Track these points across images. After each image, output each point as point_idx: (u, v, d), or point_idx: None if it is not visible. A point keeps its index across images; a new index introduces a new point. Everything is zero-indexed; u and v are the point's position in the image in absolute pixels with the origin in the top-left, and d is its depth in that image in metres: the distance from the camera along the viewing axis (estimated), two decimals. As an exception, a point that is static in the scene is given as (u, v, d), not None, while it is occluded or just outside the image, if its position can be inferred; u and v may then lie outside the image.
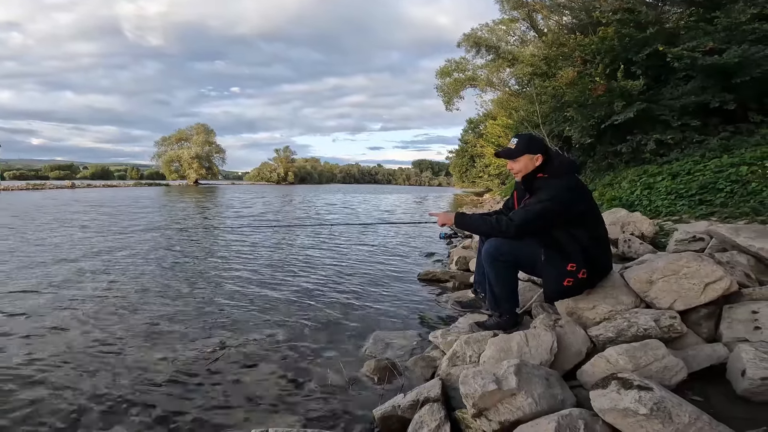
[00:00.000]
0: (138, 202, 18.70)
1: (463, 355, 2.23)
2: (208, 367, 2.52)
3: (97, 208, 14.67)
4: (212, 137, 68.16)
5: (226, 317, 3.40)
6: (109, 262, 5.46)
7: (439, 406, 1.79)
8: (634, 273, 2.44)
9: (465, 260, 4.85)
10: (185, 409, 2.08)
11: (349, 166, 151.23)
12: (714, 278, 2.21)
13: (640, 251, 4.10)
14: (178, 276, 4.77)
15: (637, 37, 9.62)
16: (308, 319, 3.37)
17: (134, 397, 2.19)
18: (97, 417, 2.01)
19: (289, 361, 2.61)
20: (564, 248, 2.33)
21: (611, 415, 1.47)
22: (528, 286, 3.23)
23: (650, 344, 1.88)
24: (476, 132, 37.54)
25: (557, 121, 12.36)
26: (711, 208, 5.81)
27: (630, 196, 7.69)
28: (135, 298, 3.87)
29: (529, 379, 1.68)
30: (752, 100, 8.47)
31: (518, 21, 20.14)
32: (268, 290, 4.20)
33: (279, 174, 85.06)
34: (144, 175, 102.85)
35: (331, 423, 1.97)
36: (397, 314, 3.52)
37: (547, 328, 2.18)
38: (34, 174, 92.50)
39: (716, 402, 1.76)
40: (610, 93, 9.47)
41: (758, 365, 1.71)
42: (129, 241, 7.25)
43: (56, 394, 2.21)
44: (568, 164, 2.52)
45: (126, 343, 2.85)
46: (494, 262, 2.51)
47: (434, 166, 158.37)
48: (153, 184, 56.75)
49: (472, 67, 23.99)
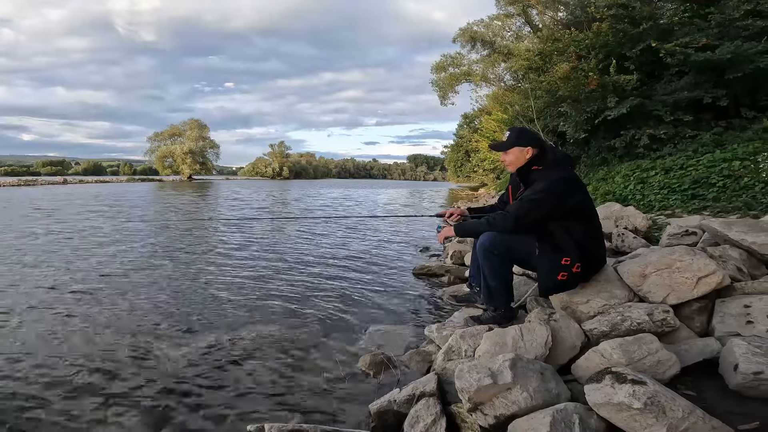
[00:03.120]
0: (128, 198, 18.55)
1: (458, 349, 2.24)
2: (203, 362, 2.51)
3: (90, 203, 14.54)
4: (206, 132, 67.55)
5: (221, 312, 3.38)
6: (102, 257, 5.41)
7: (435, 401, 1.79)
8: (628, 267, 2.46)
9: (460, 254, 4.86)
10: (180, 405, 2.08)
11: (344, 161, 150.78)
12: (707, 272, 2.23)
13: (633, 245, 4.11)
14: (173, 271, 4.74)
15: (630, 33, 9.63)
16: (303, 313, 3.37)
17: (128, 393, 2.18)
18: (91, 414, 2.00)
19: (285, 355, 2.61)
20: (558, 242, 2.34)
21: (606, 410, 1.48)
22: (522, 280, 3.24)
23: (644, 338, 1.89)
24: (471, 127, 37.52)
25: (552, 116, 12.38)
26: (703, 202, 5.85)
27: (624, 190, 7.72)
28: (129, 294, 3.84)
29: (525, 374, 1.69)
30: (745, 96, 8.52)
31: (514, 16, 20.15)
32: (262, 285, 4.18)
33: (274, 169, 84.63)
34: (137, 170, 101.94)
35: (327, 418, 1.97)
36: (392, 309, 3.52)
37: (541, 322, 2.18)
38: (25, 170, 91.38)
39: (709, 396, 1.78)
40: (603, 88, 9.50)
41: (751, 360, 1.72)
42: (124, 236, 7.19)
43: (51, 390, 2.20)
44: (563, 157, 2.55)
45: (120, 340, 2.83)
46: (489, 256, 2.51)
47: (429, 160, 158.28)
48: (146, 180, 56.35)
49: (467, 62, 24.03)
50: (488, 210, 2.99)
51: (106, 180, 53.85)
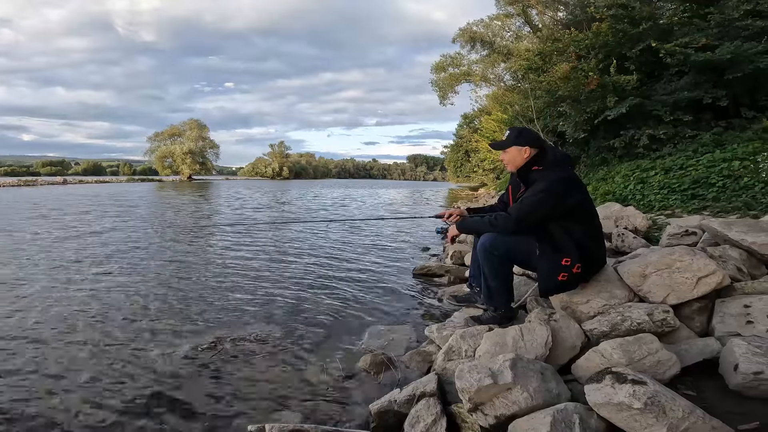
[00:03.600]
0: (128, 198, 18.56)
1: (458, 349, 2.24)
2: (204, 363, 2.51)
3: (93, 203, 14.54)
4: (205, 132, 67.55)
5: (222, 313, 3.39)
6: (102, 257, 5.41)
7: (435, 401, 1.80)
8: (628, 267, 2.46)
9: (460, 254, 4.86)
10: (181, 405, 2.08)
11: (344, 161, 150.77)
12: (707, 272, 2.23)
13: (633, 245, 4.12)
14: (174, 271, 4.74)
15: (630, 33, 9.63)
16: (304, 313, 3.37)
17: (129, 394, 2.18)
18: (91, 414, 2.00)
19: (285, 356, 2.61)
20: (559, 242, 2.34)
21: (606, 410, 1.48)
22: (522, 280, 3.24)
23: (644, 338, 1.89)
24: (471, 127, 37.52)
25: (551, 116, 12.38)
26: (703, 202, 5.85)
27: (623, 190, 7.72)
28: (128, 294, 3.84)
29: (525, 374, 1.69)
30: (745, 96, 8.52)
31: (513, 16, 20.17)
32: (262, 286, 4.18)
33: (274, 169, 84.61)
34: (137, 170, 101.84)
35: (328, 418, 1.98)
36: (392, 309, 3.52)
37: (541, 322, 2.18)
38: (25, 170, 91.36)
39: (709, 396, 1.78)
40: (603, 88, 9.50)
41: (751, 360, 1.72)
42: (124, 237, 7.19)
43: (51, 390, 2.20)
44: (563, 157, 2.56)
45: (121, 340, 2.83)
46: (489, 257, 2.51)
47: (429, 160, 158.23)
48: (146, 180, 56.31)
49: (467, 62, 24.04)
50: (488, 210, 2.99)
51: (106, 180, 53.82)
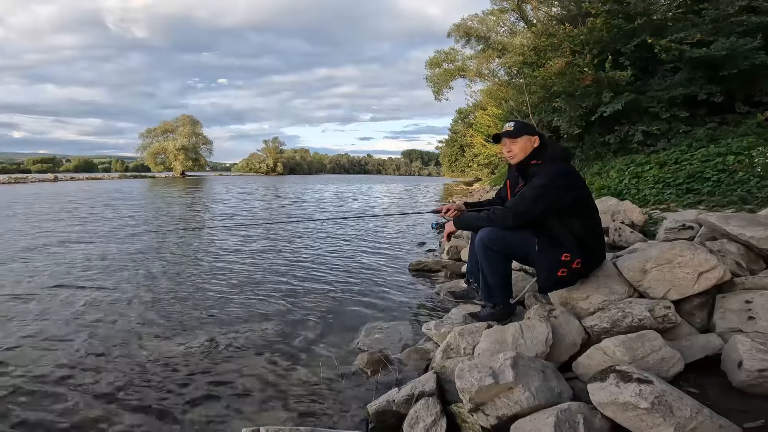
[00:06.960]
0: (122, 195, 18.35)
1: (457, 347, 2.19)
2: (198, 362, 2.45)
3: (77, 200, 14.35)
4: (198, 128, 66.93)
5: (216, 312, 3.32)
6: (97, 257, 5.32)
7: (435, 401, 1.76)
8: (628, 262, 2.42)
9: (457, 250, 4.82)
10: (174, 405, 2.02)
11: (338, 156, 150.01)
12: (707, 267, 2.20)
13: (630, 240, 4.11)
14: (167, 270, 4.66)
15: (625, 28, 9.62)
16: (299, 312, 3.31)
17: (123, 393, 2.12)
18: (85, 413, 1.95)
19: (281, 355, 2.56)
20: (558, 237, 2.30)
21: (611, 409, 1.44)
22: (520, 275, 3.21)
23: (647, 335, 1.86)
24: (466, 122, 37.57)
25: (546, 111, 12.37)
26: (698, 196, 5.87)
27: (618, 185, 7.74)
28: (124, 293, 3.77)
29: (526, 372, 1.65)
30: (739, 92, 8.55)
31: (508, 11, 20.09)
32: (257, 283, 4.12)
33: (268, 165, 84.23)
34: (129, 167, 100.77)
35: (325, 419, 1.93)
36: (388, 306, 3.48)
37: (541, 319, 2.15)
38: (15, 168, 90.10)
39: (712, 394, 1.74)
40: (598, 84, 9.49)
41: (755, 356, 1.69)
42: (117, 235, 7.09)
43: (48, 390, 2.15)
44: (562, 151, 2.52)
45: (114, 339, 2.77)
46: (487, 252, 2.47)
47: (424, 156, 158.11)
48: (138, 177, 55.73)
49: (461, 58, 23.99)
50: (485, 204, 2.93)
51: (98, 177, 53.18)
